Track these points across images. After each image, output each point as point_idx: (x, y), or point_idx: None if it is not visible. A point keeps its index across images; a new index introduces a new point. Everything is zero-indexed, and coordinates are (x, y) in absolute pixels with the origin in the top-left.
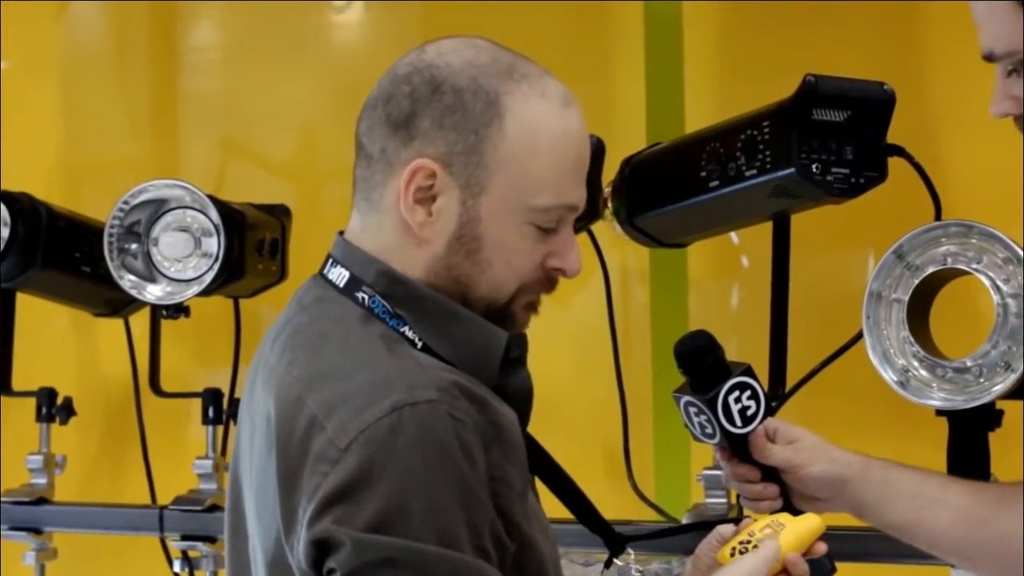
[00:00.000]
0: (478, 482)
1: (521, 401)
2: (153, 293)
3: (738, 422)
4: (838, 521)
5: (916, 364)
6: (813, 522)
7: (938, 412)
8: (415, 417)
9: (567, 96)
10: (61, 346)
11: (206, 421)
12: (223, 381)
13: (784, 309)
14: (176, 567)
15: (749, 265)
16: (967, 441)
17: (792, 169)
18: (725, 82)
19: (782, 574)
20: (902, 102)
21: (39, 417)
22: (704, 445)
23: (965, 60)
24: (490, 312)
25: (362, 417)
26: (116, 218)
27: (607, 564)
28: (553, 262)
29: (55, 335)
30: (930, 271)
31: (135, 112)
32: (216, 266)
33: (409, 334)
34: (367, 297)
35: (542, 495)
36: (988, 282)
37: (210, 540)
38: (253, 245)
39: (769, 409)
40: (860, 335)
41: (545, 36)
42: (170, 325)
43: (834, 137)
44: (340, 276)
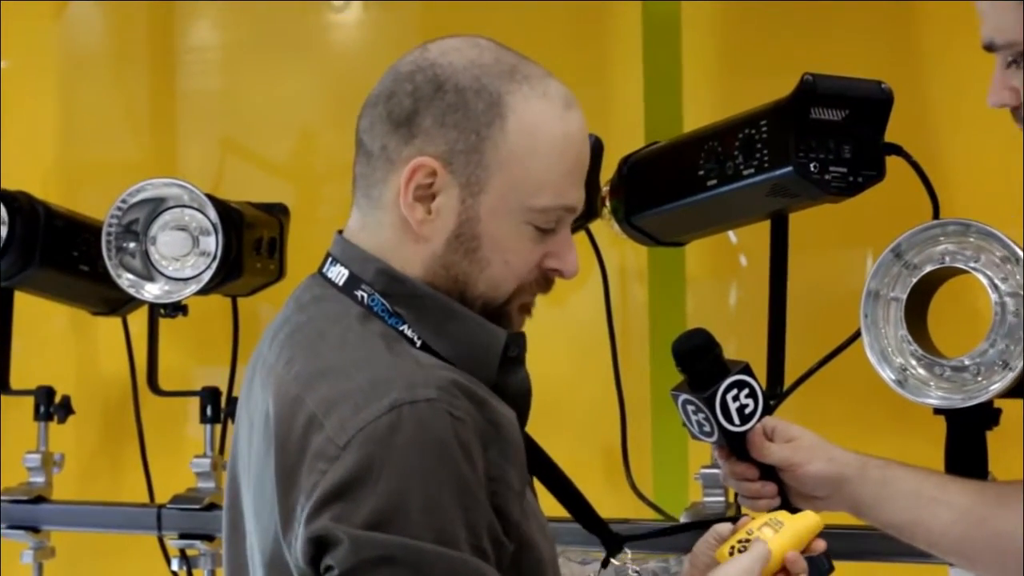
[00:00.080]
0: (476, 481)
1: (520, 400)
2: (151, 292)
3: (736, 420)
4: (836, 520)
5: (914, 363)
6: (811, 520)
7: (936, 411)
8: (414, 416)
9: (569, 98)
10: (59, 345)
11: (204, 420)
12: (221, 380)
13: (782, 308)
14: (174, 565)
15: (747, 264)
16: (965, 440)
17: (790, 168)
18: (723, 82)
19: (780, 573)
20: (900, 101)
21: (37, 416)
22: (702, 444)
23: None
24: (486, 312)
25: (361, 415)
26: (114, 217)
27: (604, 564)
28: (551, 263)
29: (53, 334)
30: (928, 270)
31: (133, 111)
32: (214, 265)
33: (408, 332)
34: (366, 295)
35: (540, 494)
36: (986, 281)
37: (208, 539)
38: (251, 244)
39: (767, 407)
40: (858, 334)
41: (544, 36)
42: (168, 324)
43: (832, 136)
44: (339, 274)
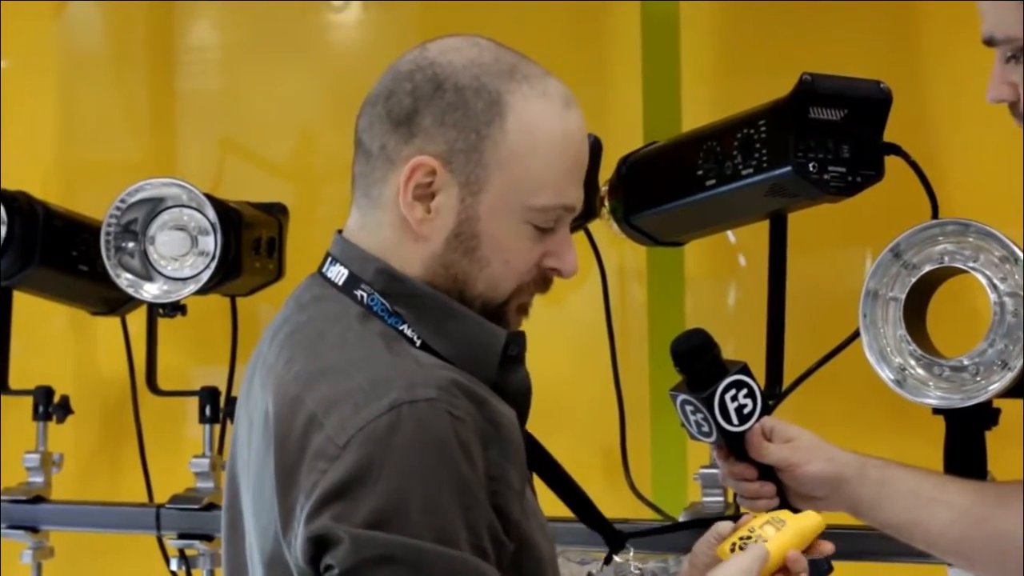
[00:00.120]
0: (476, 481)
1: (520, 399)
2: (150, 292)
3: (735, 420)
4: (834, 520)
5: (913, 363)
6: (813, 520)
7: (935, 411)
8: (414, 415)
9: (568, 97)
10: (58, 344)
11: (203, 420)
12: (220, 379)
13: (781, 307)
14: (173, 565)
15: (746, 264)
16: (964, 440)
17: (789, 168)
18: (722, 82)
19: (779, 573)
20: (899, 101)
21: (36, 415)
22: (701, 444)
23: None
24: (485, 311)
25: (361, 415)
26: (113, 217)
27: (607, 560)
28: (550, 262)
29: (52, 333)
30: (927, 269)
31: (133, 111)
32: (213, 264)
33: (408, 332)
34: (366, 295)
35: (541, 492)
36: (985, 281)
37: (207, 538)
38: (250, 244)
39: (766, 407)
40: (857, 334)
41: (542, 36)
42: (167, 324)
43: (831, 136)
44: (339, 274)
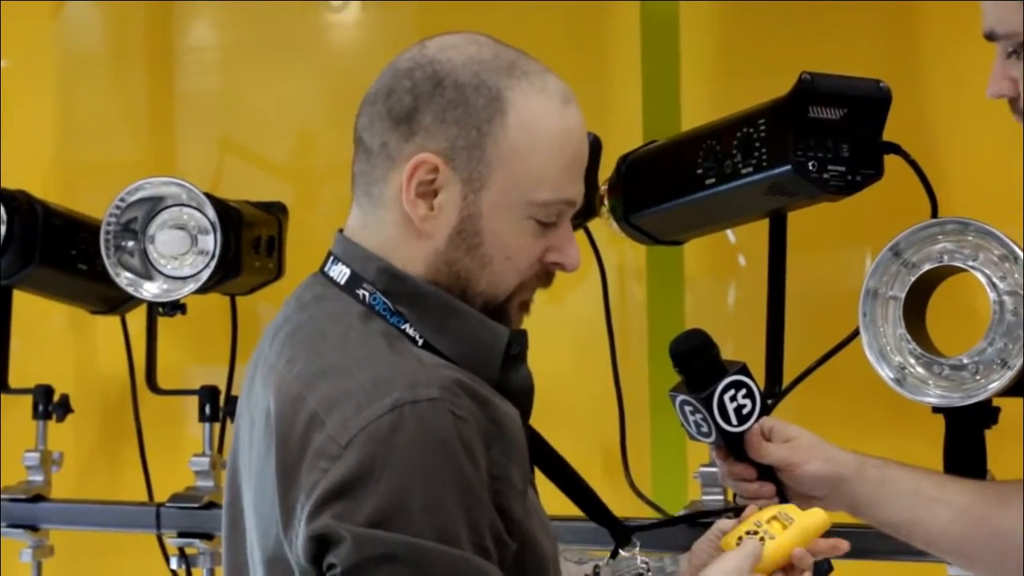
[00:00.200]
0: (479, 480)
1: (522, 398)
2: (150, 291)
3: (734, 421)
4: (833, 518)
5: (913, 361)
6: (820, 518)
7: (935, 409)
8: (416, 415)
9: (567, 93)
10: (58, 343)
11: (203, 418)
12: (220, 378)
13: (780, 306)
14: (173, 564)
15: (746, 263)
16: (964, 438)
17: (788, 167)
18: (721, 81)
19: (780, 573)
20: (898, 100)
21: (36, 414)
22: (701, 442)
23: (961, 57)
24: (487, 309)
25: (363, 414)
26: (112, 216)
27: (613, 555)
28: (552, 257)
29: (52, 332)
30: (926, 268)
31: (132, 111)
32: (213, 263)
33: (410, 331)
34: (368, 294)
35: (546, 488)
36: (984, 279)
37: (207, 537)
38: (250, 243)
39: (765, 407)
40: (856, 332)
41: (542, 36)
42: (167, 323)
43: (830, 135)
44: (341, 273)
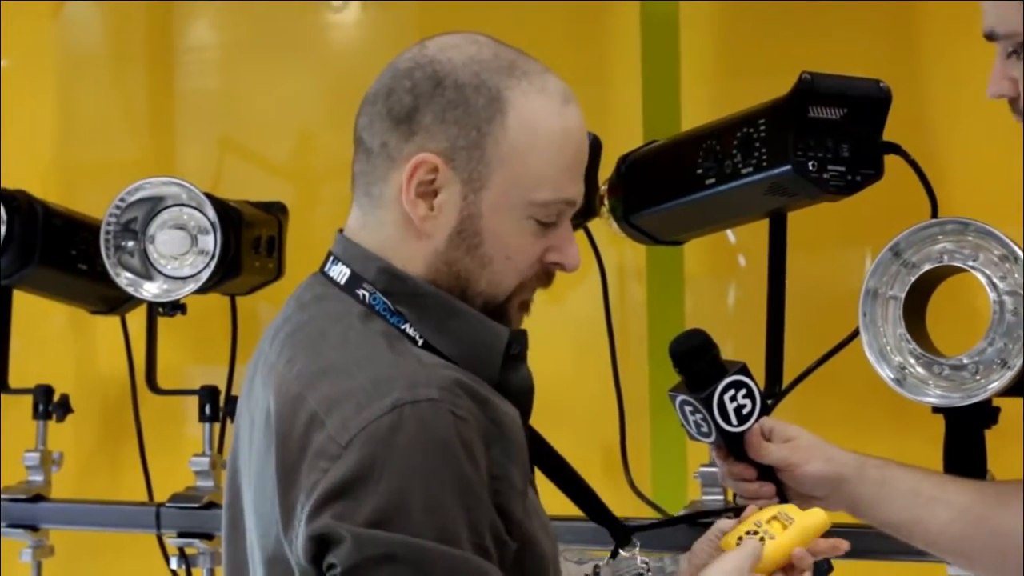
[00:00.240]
0: (479, 481)
1: (523, 398)
2: (150, 291)
3: (734, 421)
4: (833, 518)
5: (913, 361)
6: (820, 517)
7: (934, 409)
8: (416, 415)
9: (567, 93)
10: (58, 343)
11: (203, 418)
12: (220, 378)
13: (780, 306)
14: (173, 564)
15: (746, 263)
16: (963, 438)
17: (788, 167)
18: (721, 81)
19: (780, 573)
20: (898, 100)
21: (36, 414)
22: (701, 442)
23: (961, 58)
24: (487, 309)
25: (363, 414)
26: (112, 215)
27: (613, 555)
28: (552, 257)
29: (52, 332)
30: (926, 268)
31: (132, 111)
32: (212, 263)
33: (410, 331)
34: (368, 294)
35: (546, 488)
36: (984, 279)
37: (207, 537)
38: (250, 243)
39: (765, 407)
40: (856, 332)
41: (543, 36)
42: (167, 323)
43: (830, 135)
44: (341, 273)
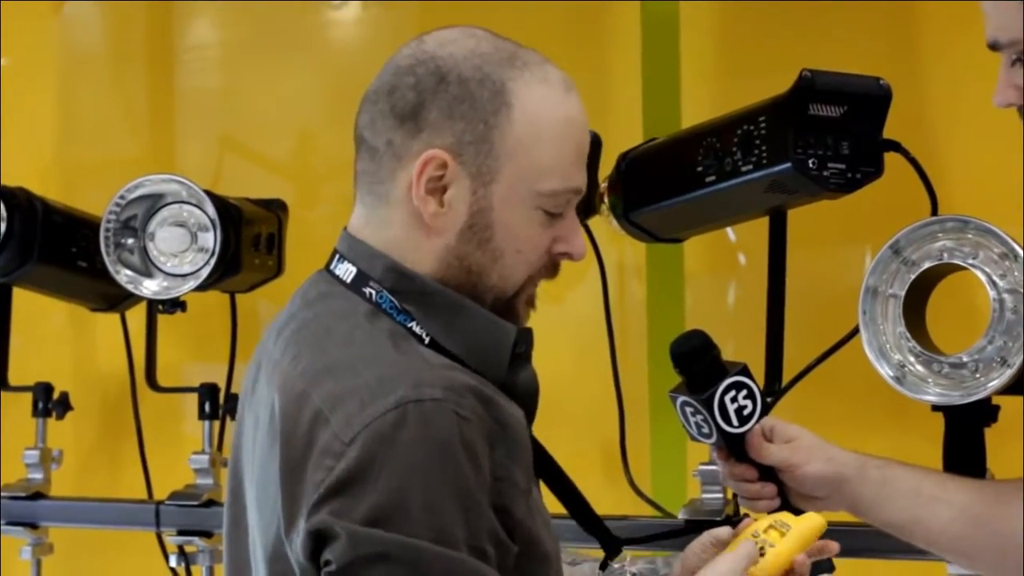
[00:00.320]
0: (479, 482)
1: (527, 399)
2: (149, 288)
3: (734, 421)
4: (833, 517)
5: (912, 359)
6: (816, 521)
7: (934, 407)
8: (420, 414)
9: (567, 82)
10: (57, 341)
11: (202, 416)
12: (219, 376)
13: (780, 304)
14: (172, 562)
15: (746, 261)
16: (963, 437)
17: (788, 164)
18: (721, 81)
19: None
20: (898, 98)
21: (35, 412)
22: None
23: (962, 56)
24: (496, 305)
25: (367, 412)
26: (112, 213)
27: (602, 566)
28: (559, 247)
29: (51, 330)
30: (926, 266)
31: (132, 109)
32: (212, 261)
33: (417, 329)
34: (375, 292)
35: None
36: (984, 277)
37: (206, 535)
38: (249, 240)
39: (766, 408)
40: (856, 330)
41: (543, 35)
42: (166, 320)
43: (830, 132)
44: (347, 272)
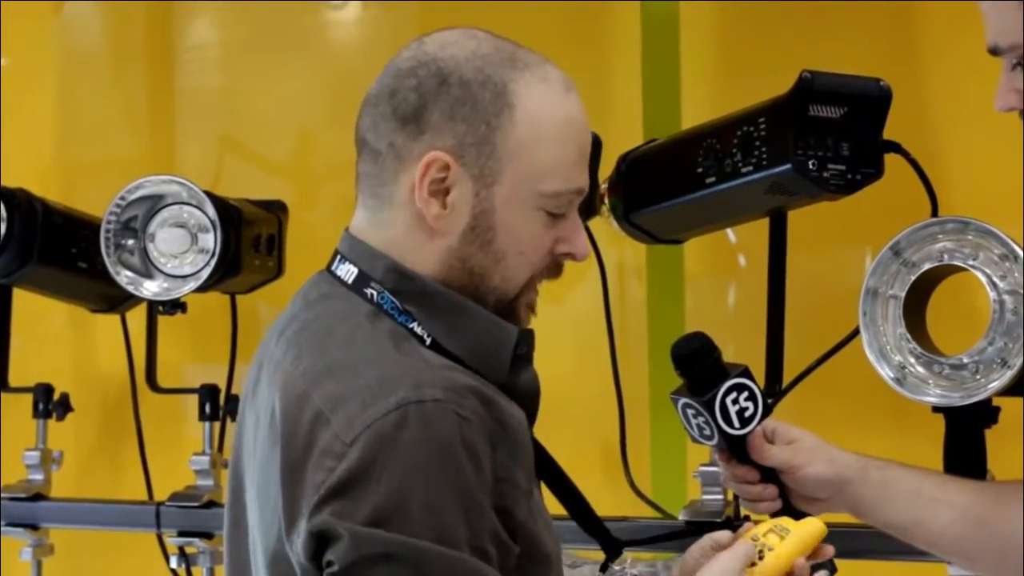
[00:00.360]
0: (480, 483)
1: (528, 400)
2: (150, 289)
3: (736, 423)
4: (833, 518)
5: (913, 361)
6: (816, 527)
7: (935, 409)
8: (421, 415)
9: (568, 82)
10: (58, 342)
11: (203, 417)
12: (220, 377)
13: (781, 306)
14: (173, 563)
15: (746, 262)
16: (963, 438)
17: (788, 165)
18: (721, 81)
19: None
20: (898, 99)
21: (36, 413)
22: None
23: (962, 57)
24: (498, 307)
25: (368, 412)
26: (112, 214)
27: (603, 568)
28: (562, 247)
29: (52, 331)
30: (927, 267)
31: (132, 109)
32: (212, 262)
33: (418, 330)
34: (376, 293)
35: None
36: (984, 279)
37: (207, 536)
38: (250, 241)
39: (767, 410)
40: (857, 332)
41: (543, 36)
42: (167, 321)
43: (830, 133)
44: (348, 272)
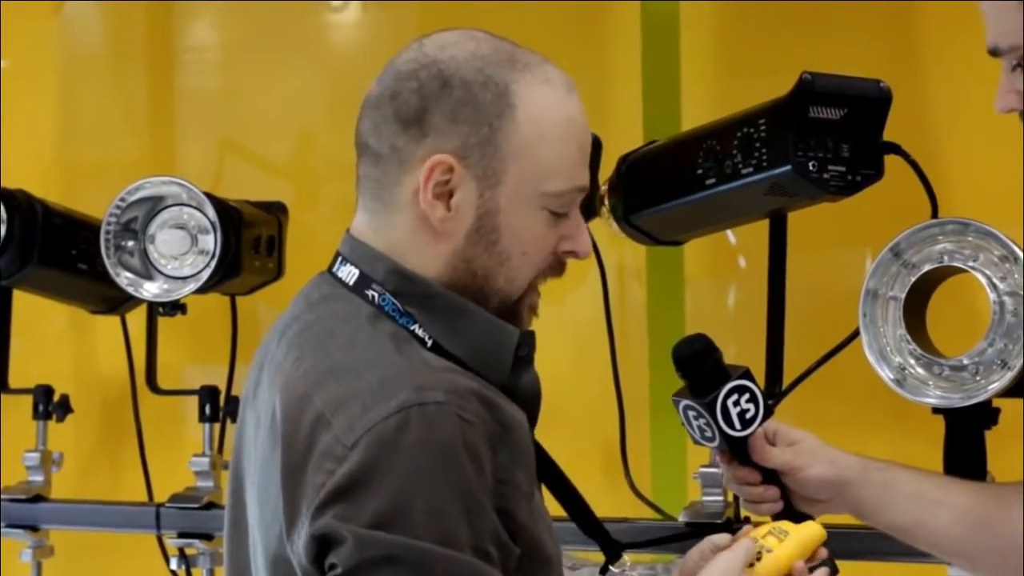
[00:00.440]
0: (482, 485)
1: (529, 403)
2: (150, 290)
3: (737, 425)
4: (833, 519)
5: (913, 362)
6: (815, 530)
7: (935, 410)
8: (422, 418)
9: (568, 82)
10: (58, 343)
11: (203, 419)
12: (220, 378)
13: (781, 307)
14: (173, 564)
15: (746, 263)
16: (964, 439)
17: (789, 167)
18: (722, 82)
19: None
20: (898, 100)
21: (36, 414)
22: None
23: (962, 58)
24: (501, 309)
25: (369, 415)
26: (113, 215)
27: (603, 570)
28: (565, 246)
29: (52, 332)
30: (927, 269)
31: (132, 110)
32: (213, 263)
33: (419, 332)
34: (377, 295)
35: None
36: (984, 280)
37: (207, 537)
38: (250, 242)
39: (768, 412)
40: (856, 333)
41: (543, 36)
42: (167, 322)
43: (830, 135)
44: (350, 274)
